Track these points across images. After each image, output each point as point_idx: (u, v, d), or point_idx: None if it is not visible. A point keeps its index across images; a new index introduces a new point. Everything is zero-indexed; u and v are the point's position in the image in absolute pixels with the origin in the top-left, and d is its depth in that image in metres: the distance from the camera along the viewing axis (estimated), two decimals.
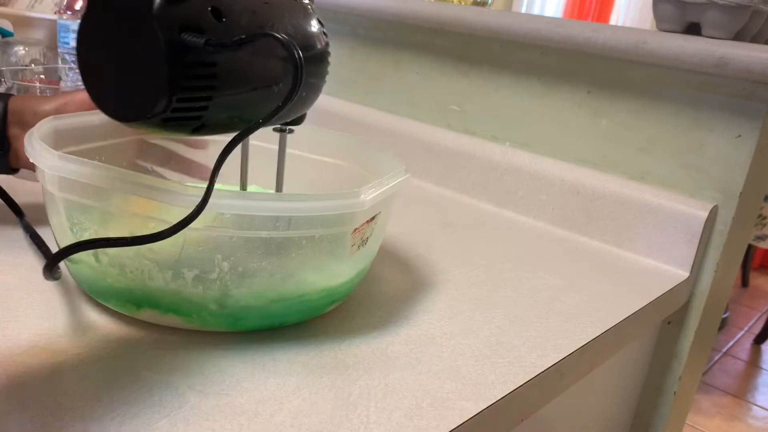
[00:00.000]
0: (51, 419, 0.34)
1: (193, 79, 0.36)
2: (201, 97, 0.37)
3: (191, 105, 0.37)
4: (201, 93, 0.37)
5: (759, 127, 0.65)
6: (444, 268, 0.60)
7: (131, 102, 0.36)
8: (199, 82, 0.36)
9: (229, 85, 0.38)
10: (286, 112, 0.40)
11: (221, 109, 0.38)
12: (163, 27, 0.34)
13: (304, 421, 0.36)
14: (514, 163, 0.80)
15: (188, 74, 0.35)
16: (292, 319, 0.46)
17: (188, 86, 0.36)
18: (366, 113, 0.95)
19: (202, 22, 0.36)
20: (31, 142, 0.43)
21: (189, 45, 0.35)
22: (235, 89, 0.39)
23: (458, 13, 0.83)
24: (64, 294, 0.46)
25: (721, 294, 0.76)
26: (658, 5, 0.74)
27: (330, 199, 0.42)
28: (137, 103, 0.36)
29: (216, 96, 0.37)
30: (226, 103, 0.38)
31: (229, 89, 0.38)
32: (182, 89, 0.35)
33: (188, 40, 0.35)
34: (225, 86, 0.38)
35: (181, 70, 0.35)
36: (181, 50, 0.35)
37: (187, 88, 0.36)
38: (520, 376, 0.44)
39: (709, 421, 1.98)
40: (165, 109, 0.35)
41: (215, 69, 0.36)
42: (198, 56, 0.35)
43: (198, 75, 0.36)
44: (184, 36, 0.34)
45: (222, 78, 0.37)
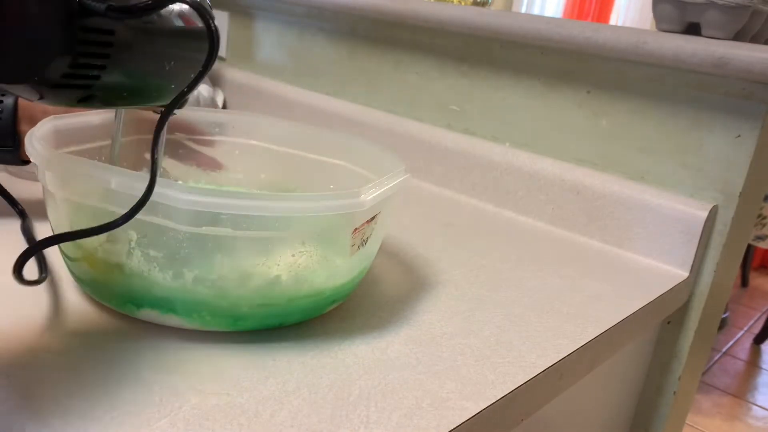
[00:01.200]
0: (51, 419, 0.34)
1: (88, 45, 0.34)
2: (94, 65, 0.35)
3: (83, 72, 0.35)
4: (95, 61, 0.35)
5: (759, 127, 0.65)
6: (444, 268, 0.60)
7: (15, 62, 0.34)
8: (95, 49, 0.35)
9: (124, 56, 0.36)
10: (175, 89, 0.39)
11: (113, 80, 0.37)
12: None
13: (304, 421, 0.36)
14: (514, 163, 0.80)
15: (84, 39, 0.34)
16: (292, 319, 0.46)
17: (82, 52, 0.34)
18: (366, 113, 0.95)
19: None
20: (31, 141, 0.43)
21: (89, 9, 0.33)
22: (130, 61, 0.37)
23: (458, 13, 0.83)
24: (64, 294, 0.46)
25: (720, 294, 0.76)
26: (657, 5, 0.74)
27: (330, 199, 0.42)
28: (24, 64, 0.34)
29: (109, 66, 0.36)
30: (118, 75, 0.37)
31: (124, 60, 0.37)
32: (76, 54, 0.34)
33: (89, 3, 0.33)
34: (120, 56, 0.36)
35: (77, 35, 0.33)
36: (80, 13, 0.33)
37: (81, 54, 0.34)
38: (520, 376, 0.44)
39: (709, 421, 1.98)
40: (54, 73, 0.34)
41: (112, 37, 0.35)
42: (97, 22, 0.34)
43: (94, 41, 0.34)
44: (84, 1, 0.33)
45: (118, 47, 0.35)
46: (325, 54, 1.03)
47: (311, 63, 1.05)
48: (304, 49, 1.06)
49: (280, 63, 1.10)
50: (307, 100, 1.01)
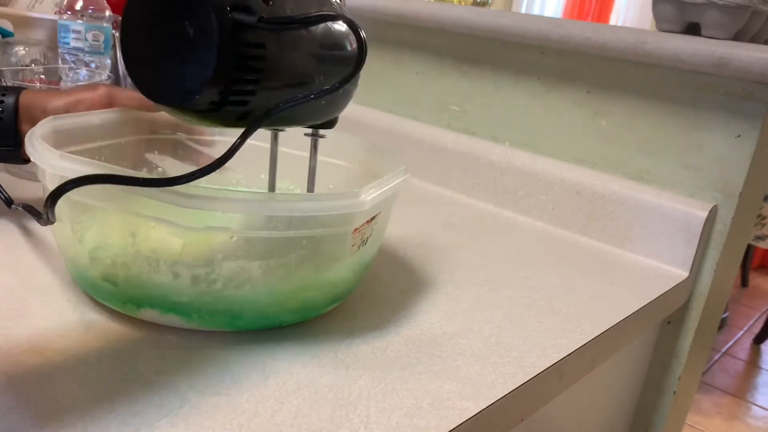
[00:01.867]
0: (51, 419, 0.34)
1: (242, 59, 0.35)
2: (249, 80, 0.36)
3: (239, 88, 0.35)
4: (249, 75, 0.35)
5: (758, 127, 0.65)
6: (444, 268, 0.60)
7: (178, 87, 0.35)
8: (248, 63, 0.35)
9: (276, 70, 0.37)
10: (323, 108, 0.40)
11: (267, 95, 0.37)
12: (215, 6, 0.33)
13: (304, 421, 0.36)
14: (514, 163, 0.80)
15: (238, 54, 0.34)
16: (292, 319, 0.46)
17: (238, 67, 0.35)
18: (366, 113, 0.95)
19: (252, 3, 0.35)
20: (32, 141, 0.43)
21: (241, 23, 0.34)
22: (282, 74, 0.38)
23: (458, 13, 0.83)
24: (64, 294, 0.46)
25: (720, 294, 0.76)
26: (657, 5, 0.74)
27: (330, 199, 0.42)
28: (185, 88, 0.35)
29: (263, 80, 0.36)
30: (272, 89, 0.37)
31: (276, 74, 0.37)
32: (232, 69, 0.34)
33: (240, 18, 0.34)
34: (272, 70, 0.37)
35: (231, 51, 0.34)
36: (232, 29, 0.33)
37: (238, 69, 0.35)
38: (520, 376, 0.44)
39: (709, 421, 1.98)
40: (214, 93, 0.34)
41: (263, 51, 0.35)
42: (249, 35, 0.34)
43: (247, 56, 0.35)
44: (234, 15, 0.33)
45: (270, 60, 0.36)
46: None
47: None
48: None
49: None
50: None
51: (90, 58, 0.81)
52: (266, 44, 0.36)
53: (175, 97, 0.35)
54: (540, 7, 4.05)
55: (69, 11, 0.80)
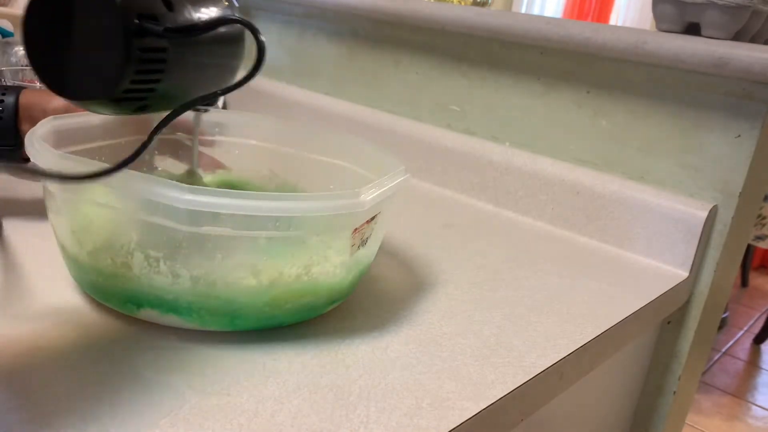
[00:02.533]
0: (51, 419, 0.34)
1: (146, 63, 0.38)
2: (150, 80, 0.39)
3: (141, 86, 0.38)
4: (151, 76, 0.39)
5: (758, 127, 0.65)
6: (444, 268, 0.60)
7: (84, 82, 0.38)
8: (152, 65, 0.38)
9: (176, 70, 0.40)
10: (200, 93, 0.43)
11: (165, 92, 0.41)
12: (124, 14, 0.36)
13: (304, 421, 0.36)
14: (513, 163, 0.80)
15: (143, 58, 0.37)
16: (292, 319, 0.46)
17: (141, 69, 0.38)
18: (366, 113, 0.95)
19: (157, 11, 0.38)
20: (32, 141, 0.43)
21: (148, 31, 0.37)
22: (180, 72, 0.41)
23: (458, 13, 0.83)
24: (64, 294, 0.46)
25: (720, 294, 0.76)
26: (657, 5, 0.74)
27: (330, 199, 0.42)
28: (90, 82, 0.38)
29: (163, 79, 0.40)
30: (170, 87, 0.41)
31: (176, 72, 0.40)
32: (136, 72, 0.37)
33: (147, 26, 0.37)
34: (172, 70, 0.40)
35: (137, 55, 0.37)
36: (138, 35, 0.37)
37: (141, 71, 0.38)
38: (520, 376, 0.44)
39: (709, 421, 1.98)
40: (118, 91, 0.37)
41: (165, 54, 0.39)
42: (153, 42, 0.38)
43: (151, 59, 0.38)
44: (143, 23, 0.37)
45: (171, 62, 0.39)
46: (325, 54, 1.03)
47: (311, 63, 1.05)
48: (303, 49, 1.06)
49: (280, 63, 1.10)
50: (307, 100, 1.02)
51: None
52: (168, 48, 0.39)
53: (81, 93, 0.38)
54: (540, 7, 4.05)
55: None
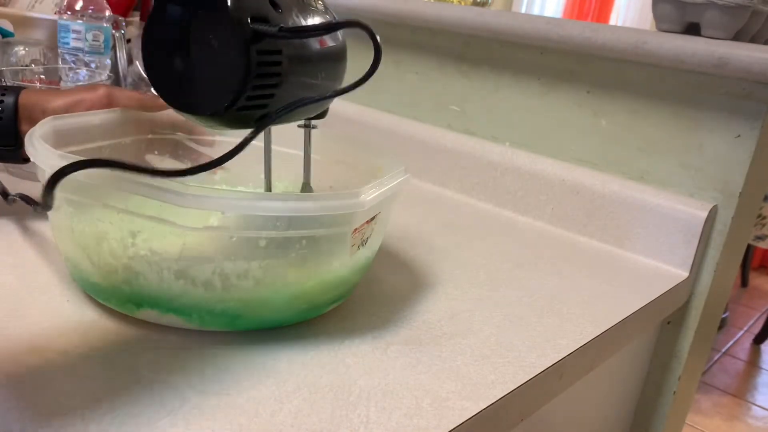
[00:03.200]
0: (51, 419, 0.34)
1: (265, 67, 0.37)
2: (269, 84, 0.38)
3: (261, 93, 0.38)
4: (269, 81, 0.38)
5: (758, 127, 0.65)
6: (444, 268, 0.60)
7: (206, 96, 0.38)
8: (270, 69, 0.38)
9: (291, 73, 0.40)
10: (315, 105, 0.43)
11: (285, 96, 0.40)
12: (238, 19, 0.36)
13: (304, 421, 0.36)
14: (513, 163, 0.80)
15: (261, 62, 0.37)
16: (292, 319, 0.46)
17: (261, 73, 0.37)
18: (366, 113, 0.95)
19: (267, 12, 0.38)
20: (32, 141, 0.43)
21: (263, 33, 0.36)
22: (298, 76, 0.41)
23: (458, 13, 0.83)
24: (64, 294, 0.46)
25: (720, 294, 0.76)
26: (657, 5, 0.74)
27: (330, 199, 0.42)
28: (212, 96, 0.37)
29: (281, 83, 0.39)
30: (289, 91, 0.40)
31: (292, 76, 0.40)
32: (257, 77, 0.37)
33: (261, 29, 0.36)
34: (288, 73, 0.39)
35: (255, 59, 0.36)
36: (255, 39, 0.36)
37: (261, 75, 0.37)
38: (520, 376, 0.44)
39: (709, 421, 1.98)
40: (239, 99, 0.37)
41: (281, 57, 0.38)
42: (269, 45, 0.37)
43: (268, 62, 0.38)
44: (255, 25, 0.36)
45: (286, 65, 0.39)
46: None
47: None
48: None
49: None
50: None
51: (90, 58, 0.81)
52: (282, 51, 0.38)
53: (205, 107, 0.38)
54: (540, 7, 4.05)
55: (69, 11, 0.80)
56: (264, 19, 0.37)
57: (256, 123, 0.40)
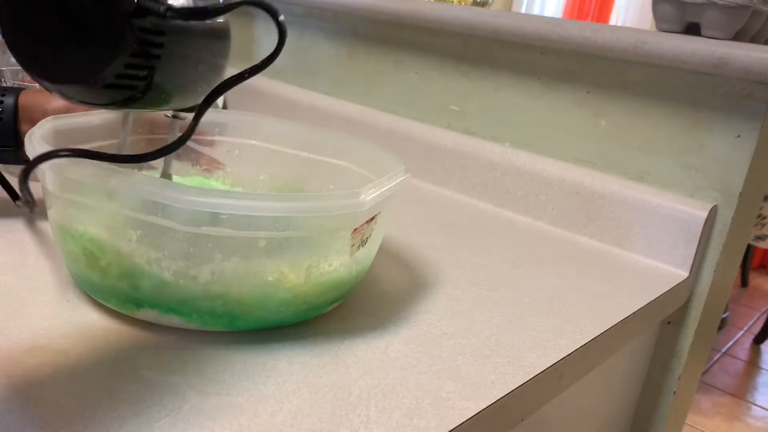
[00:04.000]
0: (52, 419, 0.34)
1: (143, 45, 0.35)
2: (145, 66, 0.36)
3: (134, 72, 0.36)
4: (147, 62, 0.36)
5: (758, 127, 0.65)
6: (444, 268, 0.60)
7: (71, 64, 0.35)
8: (149, 49, 0.35)
9: (171, 57, 0.37)
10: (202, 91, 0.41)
11: (157, 82, 0.37)
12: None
13: (304, 421, 0.36)
14: (513, 163, 0.80)
15: (140, 39, 0.34)
16: (291, 319, 0.46)
17: (138, 52, 0.35)
18: (366, 113, 0.95)
19: None
20: (32, 141, 0.43)
21: (147, 9, 0.34)
22: (175, 62, 0.38)
23: (458, 13, 0.83)
24: (64, 294, 0.46)
25: (720, 294, 0.76)
26: (657, 5, 0.74)
27: (330, 199, 0.42)
28: (79, 65, 0.35)
29: (158, 67, 0.36)
30: (163, 77, 0.38)
31: (171, 61, 0.37)
32: (131, 54, 0.34)
33: (148, 4, 0.34)
34: (168, 57, 0.37)
35: (134, 36, 0.34)
36: (137, 14, 0.34)
37: (137, 54, 0.35)
38: (520, 376, 0.44)
39: (709, 420, 1.98)
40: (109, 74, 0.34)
41: (164, 38, 0.36)
42: (153, 22, 0.35)
43: (148, 42, 0.35)
44: (142, 1, 0.34)
45: (168, 48, 0.36)
46: (325, 54, 1.03)
47: (311, 63, 1.05)
48: (304, 49, 1.06)
49: (280, 63, 1.09)
50: (307, 100, 1.02)
51: None
52: (165, 32, 0.36)
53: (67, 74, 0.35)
54: (540, 7, 4.05)
55: None
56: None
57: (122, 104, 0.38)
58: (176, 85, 0.40)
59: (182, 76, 0.40)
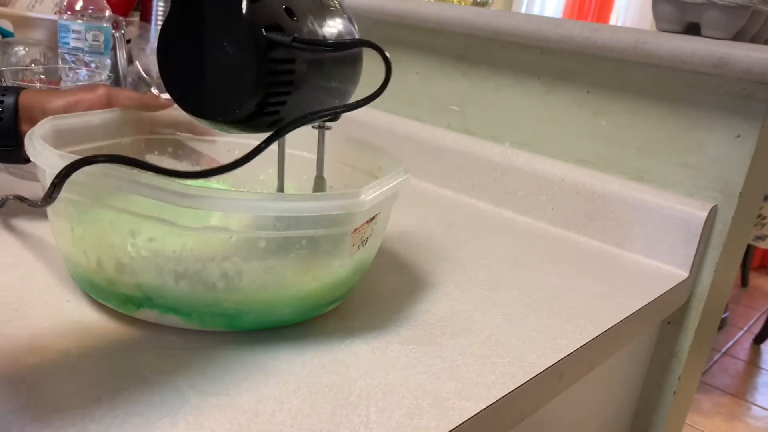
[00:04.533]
0: (51, 419, 0.34)
1: (278, 75, 0.38)
2: (281, 92, 0.39)
3: (274, 100, 0.38)
4: (282, 89, 0.39)
5: (758, 126, 0.65)
6: (444, 268, 0.60)
7: (218, 101, 0.38)
8: (282, 77, 0.38)
9: (306, 80, 0.40)
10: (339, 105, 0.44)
11: (296, 104, 0.41)
12: (252, 26, 0.36)
13: (304, 421, 0.36)
14: (513, 163, 0.80)
15: (274, 70, 0.37)
16: (292, 319, 0.46)
17: (273, 82, 0.38)
18: (366, 113, 0.95)
19: (281, 21, 0.38)
20: (31, 141, 0.43)
21: (277, 42, 0.37)
22: (311, 83, 0.41)
23: (458, 13, 0.83)
24: (64, 294, 0.46)
25: (720, 294, 0.76)
26: (657, 5, 0.75)
27: (330, 199, 0.42)
28: (224, 101, 0.38)
29: (293, 92, 0.39)
30: (303, 96, 0.41)
31: (306, 83, 0.41)
32: (268, 85, 0.37)
33: (276, 38, 0.37)
34: (301, 82, 0.40)
35: (268, 67, 0.37)
36: (269, 47, 0.36)
37: (273, 84, 0.38)
38: (520, 376, 0.44)
39: (709, 420, 1.98)
40: (252, 106, 0.37)
41: (294, 65, 0.39)
42: (283, 53, 0.37)
43: (281, 71, 0.38)
44: (270, 34, 0.36)
45: (299, 74, 0.39)
46: None
47: None
48: None
49: None
50: None
51: (90, 58, 0.81)
52: (296, 60, 0.39)
53: (218, 112, 0.39)
54: (540, 7, 4.05)
55: (69, 11, 0.80)
56: (278, 28, 0.37)
57: (268, 128, 0.41)
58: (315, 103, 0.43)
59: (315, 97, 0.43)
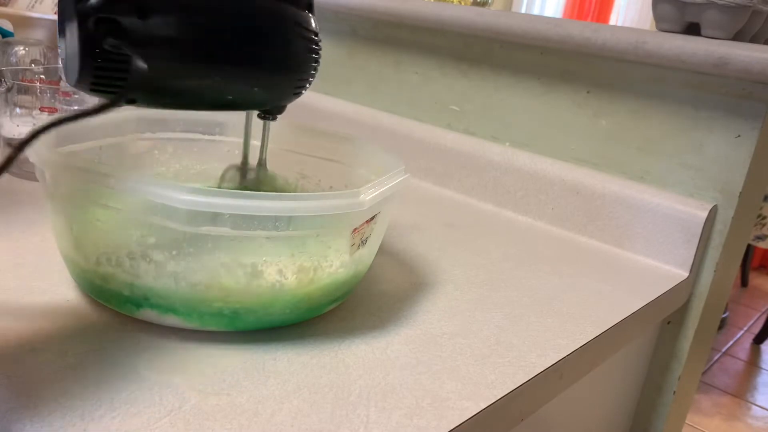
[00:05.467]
0: (51, 419, 0.34)
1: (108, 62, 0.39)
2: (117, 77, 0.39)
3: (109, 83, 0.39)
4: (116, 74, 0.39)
5: (758, 127, 0.65)
6: (444, 268, 0.60)
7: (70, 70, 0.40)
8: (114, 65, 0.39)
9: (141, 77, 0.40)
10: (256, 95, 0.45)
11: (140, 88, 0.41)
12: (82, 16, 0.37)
13: (304, 421, 0.36)
14: (513, 163, 0.80)
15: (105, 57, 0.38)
16: (292, 319, 0.46)
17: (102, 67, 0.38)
18: (366, 113, 0.95)
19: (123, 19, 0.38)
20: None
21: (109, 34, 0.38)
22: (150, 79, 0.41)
23: (458, 13, 0.83)
24: (64, 294, 0.46)
25: (720, 294, 0.76)
26: (657, 5, 0.75)
27: (330, 199, 0.42)
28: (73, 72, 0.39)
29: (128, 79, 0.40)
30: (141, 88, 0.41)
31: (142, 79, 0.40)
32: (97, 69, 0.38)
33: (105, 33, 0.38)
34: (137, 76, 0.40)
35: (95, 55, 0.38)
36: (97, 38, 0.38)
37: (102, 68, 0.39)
38: (520, 376, 0.44)
39: (709, 420, 1.98)
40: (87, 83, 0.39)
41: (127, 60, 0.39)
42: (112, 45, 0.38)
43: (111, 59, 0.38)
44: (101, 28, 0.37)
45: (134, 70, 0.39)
46: (325, 54, 1.03)
47: None
48: None
49: None
50: (307, 100, 1.02)
51: None
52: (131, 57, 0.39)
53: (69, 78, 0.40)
54: (540, 7, 4.05)
55: None
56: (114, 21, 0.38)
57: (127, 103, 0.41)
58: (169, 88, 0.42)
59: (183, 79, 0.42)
